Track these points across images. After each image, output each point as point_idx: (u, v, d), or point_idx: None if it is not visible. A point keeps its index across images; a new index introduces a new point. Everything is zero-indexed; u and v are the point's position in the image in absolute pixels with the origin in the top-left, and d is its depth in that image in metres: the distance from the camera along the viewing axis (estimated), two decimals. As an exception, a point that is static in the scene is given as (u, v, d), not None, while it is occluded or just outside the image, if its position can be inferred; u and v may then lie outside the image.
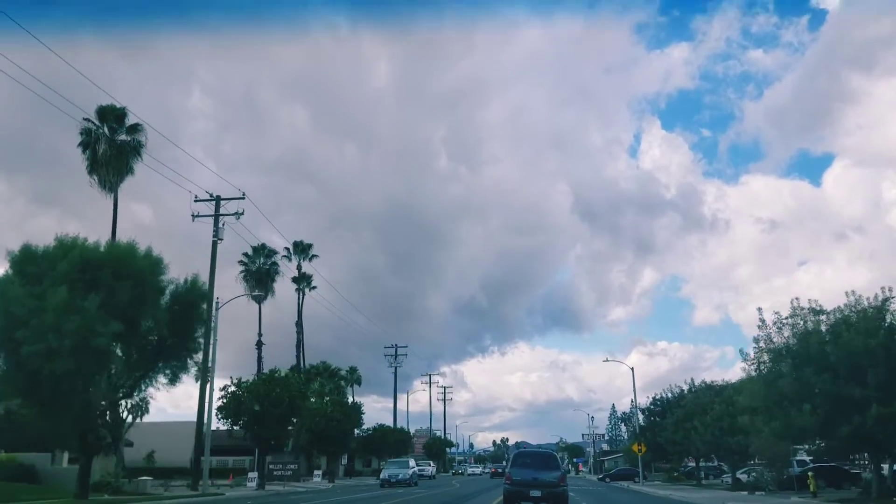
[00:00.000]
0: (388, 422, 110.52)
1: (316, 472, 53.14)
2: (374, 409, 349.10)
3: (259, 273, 64.01)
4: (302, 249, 66.57)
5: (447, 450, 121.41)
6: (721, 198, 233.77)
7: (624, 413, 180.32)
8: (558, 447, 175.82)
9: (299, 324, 65.64)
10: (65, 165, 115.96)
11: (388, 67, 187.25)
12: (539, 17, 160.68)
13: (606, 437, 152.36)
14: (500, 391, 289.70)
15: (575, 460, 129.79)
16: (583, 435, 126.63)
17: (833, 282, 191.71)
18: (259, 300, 62.06)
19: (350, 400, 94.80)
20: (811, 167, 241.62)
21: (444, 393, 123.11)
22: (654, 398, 54.70)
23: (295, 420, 39.47)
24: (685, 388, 53.63)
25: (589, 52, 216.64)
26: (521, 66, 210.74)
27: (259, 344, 62.73)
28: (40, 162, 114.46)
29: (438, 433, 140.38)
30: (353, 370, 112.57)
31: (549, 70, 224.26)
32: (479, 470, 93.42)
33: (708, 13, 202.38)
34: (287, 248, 65.84)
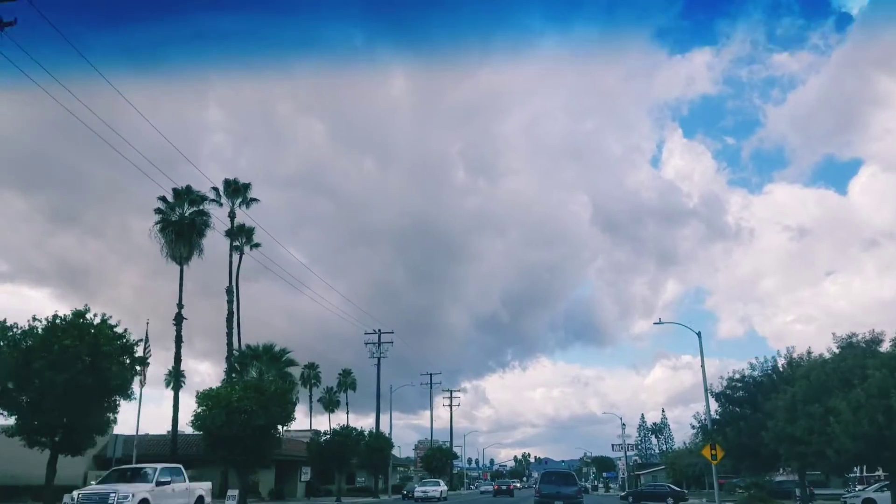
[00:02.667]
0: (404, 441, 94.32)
1: (231, 492, 35.80)
2: (396, 427, 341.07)
3: (181, 225, 47.26)
4: (235, 190, 49.45)
5: (454, 463, 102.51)
6: (746, 207, 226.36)
7: (655, 424, 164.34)
8: (583, 462, 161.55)
9: (232, 291, 48.49)
10: (82, 183, 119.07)
11: (404, 79, 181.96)
12: (556, 25, 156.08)
13: (636, 450, 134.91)
14: (522, 407, 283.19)
15: (605, 475, 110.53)
16: (612, 446, 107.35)
17: (861, 292, 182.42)
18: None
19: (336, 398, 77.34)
20: (838, 173, 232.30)
21: (451, 398, 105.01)
22: (731, 378, 36.49)
23: (114, 400, 21.72)
24: (781, 361, 35.71)
25: (608, 58, 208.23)
26: (538, 75, 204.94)
27: (178, 318, 45.87)
28: (57, 180, 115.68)
29: (454, 447, 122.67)
30: (346, 373, 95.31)
31: (567, 78, 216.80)
32: (438, 491, 62.22)
33: (731, 16, 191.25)
34: (215, 189, 48.86)
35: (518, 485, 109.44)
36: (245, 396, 31.83)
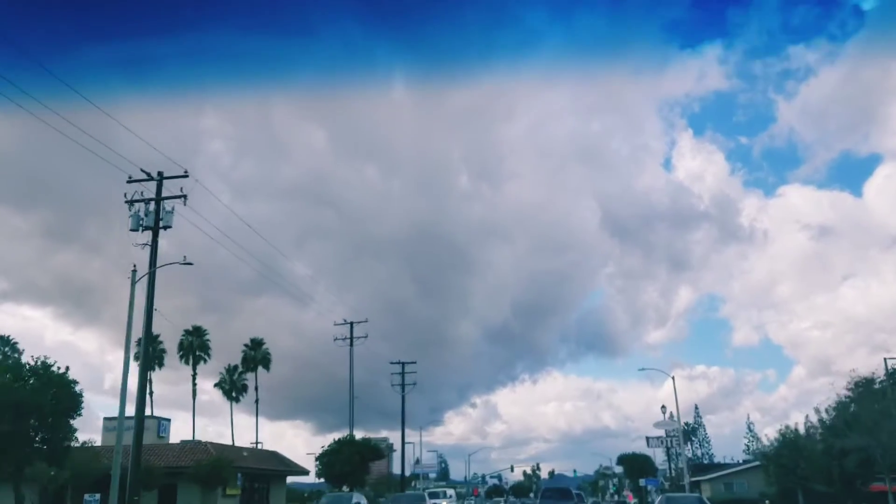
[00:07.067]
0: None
1: None
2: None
3: None
4: None
5: (391, 472, 64.99)
6: (760, 208, 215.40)
7: (687, 424, 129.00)
8: (599, 474, 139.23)
9: None
10: (78, 199, 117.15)
11: (404, 81, 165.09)
12: (560, 21, 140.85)
13: (674, 445, 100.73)
14: (534, 421, 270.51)
15: (644, 483, 72.59)
16: (648, 439, 70.37)
17: (880, 297, 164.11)
18: None
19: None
20: (855, 170, 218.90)
21: (403, 372, 68.16)
22: None
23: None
24: None
25: (615, 54, 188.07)
26: (541, 75, 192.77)
27: None
28: (52, 196, 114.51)
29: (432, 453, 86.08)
30: (256, 343, 63.11)
31: (571, 77, 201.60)
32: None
33: (744, 5, 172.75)
34: None
35: None
36: None
